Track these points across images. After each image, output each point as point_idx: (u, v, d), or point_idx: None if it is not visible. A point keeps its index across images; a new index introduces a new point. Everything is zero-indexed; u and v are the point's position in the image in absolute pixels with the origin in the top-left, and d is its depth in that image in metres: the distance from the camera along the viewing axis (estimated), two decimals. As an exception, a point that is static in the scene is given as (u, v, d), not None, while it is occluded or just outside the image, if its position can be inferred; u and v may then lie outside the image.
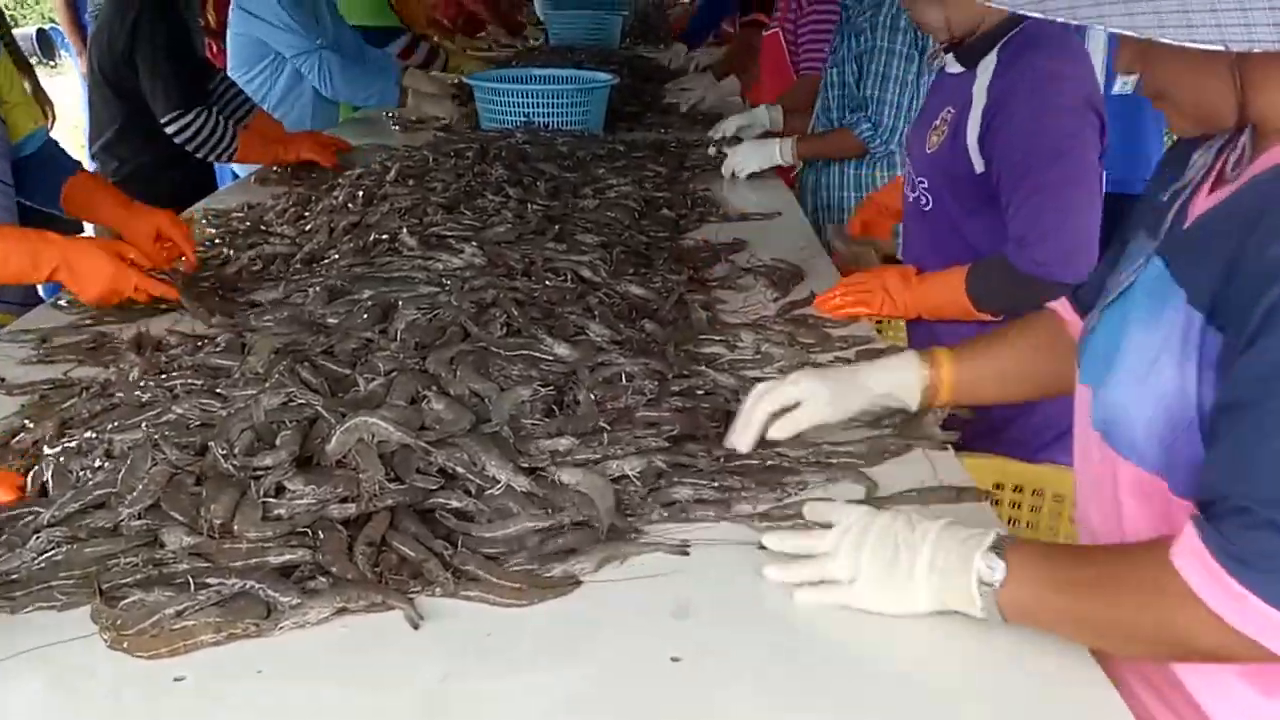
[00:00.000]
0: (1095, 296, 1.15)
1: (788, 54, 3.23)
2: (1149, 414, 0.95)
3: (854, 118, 2.62)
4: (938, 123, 1.82)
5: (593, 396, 1.33)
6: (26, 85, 2.00)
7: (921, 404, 1.33)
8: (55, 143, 2.10)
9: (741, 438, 1.28)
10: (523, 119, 3.12)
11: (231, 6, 3.36)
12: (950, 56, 1.81)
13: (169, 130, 2.61)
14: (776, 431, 1.28)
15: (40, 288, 2.09)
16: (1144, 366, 0.95)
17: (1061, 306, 1.30)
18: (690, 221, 2.38)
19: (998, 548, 0.96)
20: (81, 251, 1.65)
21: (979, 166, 1.73)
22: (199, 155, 2.65)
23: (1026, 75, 1.69)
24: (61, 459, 1.23)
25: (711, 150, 2.86)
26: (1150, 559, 0.89)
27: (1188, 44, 0.80)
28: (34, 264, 1.62)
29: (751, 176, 2.75)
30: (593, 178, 2.53)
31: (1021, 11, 0.88)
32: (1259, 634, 0.82)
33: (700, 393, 1.44)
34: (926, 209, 1.87)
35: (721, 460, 1.27)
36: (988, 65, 1.73)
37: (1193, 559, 0.85)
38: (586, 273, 1.87)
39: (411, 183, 2.38)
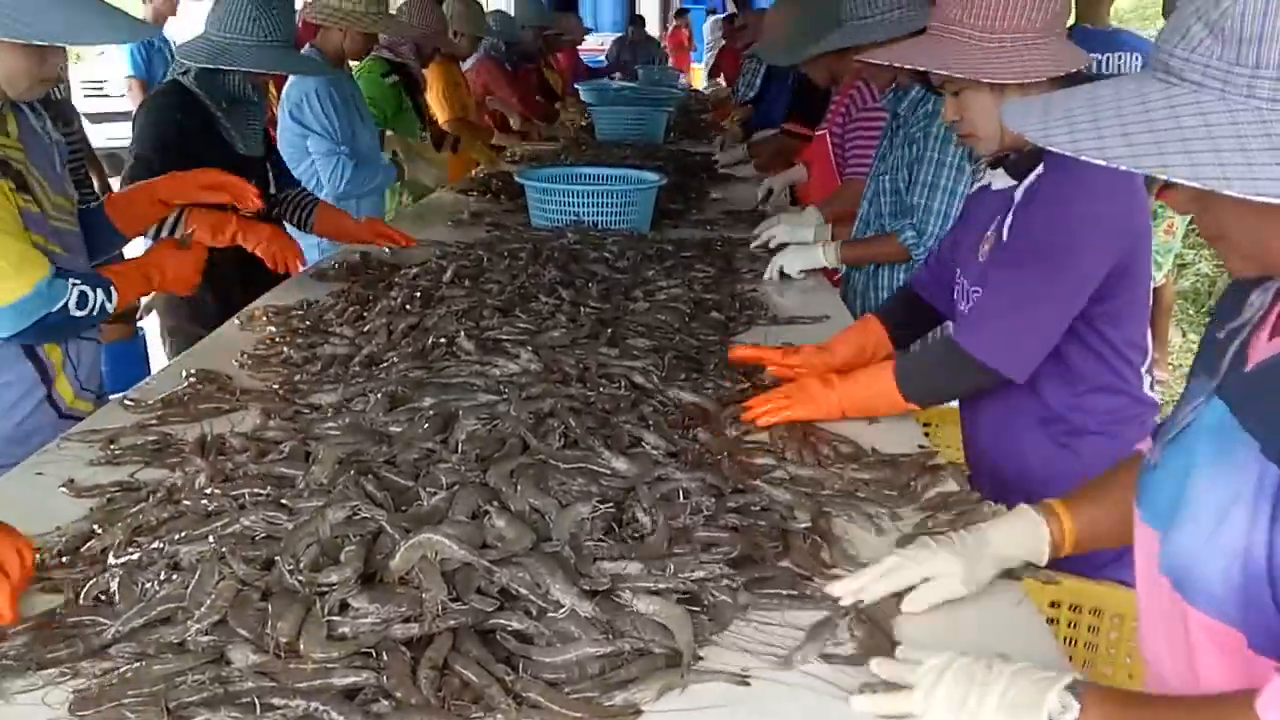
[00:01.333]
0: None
1: (834, 158, 3.28)
2: (1222, 566, 0.93)
3: (900, 224, 2.65)
4: (989, 233, 1.84)
5: (657, 519, 1.33)
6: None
7: (1050, 559, 1.32)
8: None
9: (847, 596, 1.25)
10: (572, 218, 3.19)
11: (280, 107, 3.49)
12: (999, 171, 1.84)
13: None
14: (909, 606, 1.25)
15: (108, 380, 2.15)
16: (1214, 518, 0.94)
17: None
18: (739, 324, 2.41)
19: (1073, 688, 0.95)
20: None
21: None
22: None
23: (1055, 179, 1.71)
24: (126, 570, 1.25)
25: (755, 246, 2.91)
26: (1234, 709, 0.88)
27: (1252, 196, 0.80)
28: None
29: (795, 276, 2.78)
30: (643, 279, 2.58)
31: (1087, 158, 0.88)
32: None
33: (756, 509, 1.45)
34: None
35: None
36: (1035, 176, 1.76)
37: (1275, 701, 0.84)
38: (639, 379, 1.89)
39: (468, 283, 2.43)
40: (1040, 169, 1.74)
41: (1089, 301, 1.72)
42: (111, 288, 1.92)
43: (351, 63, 3.85)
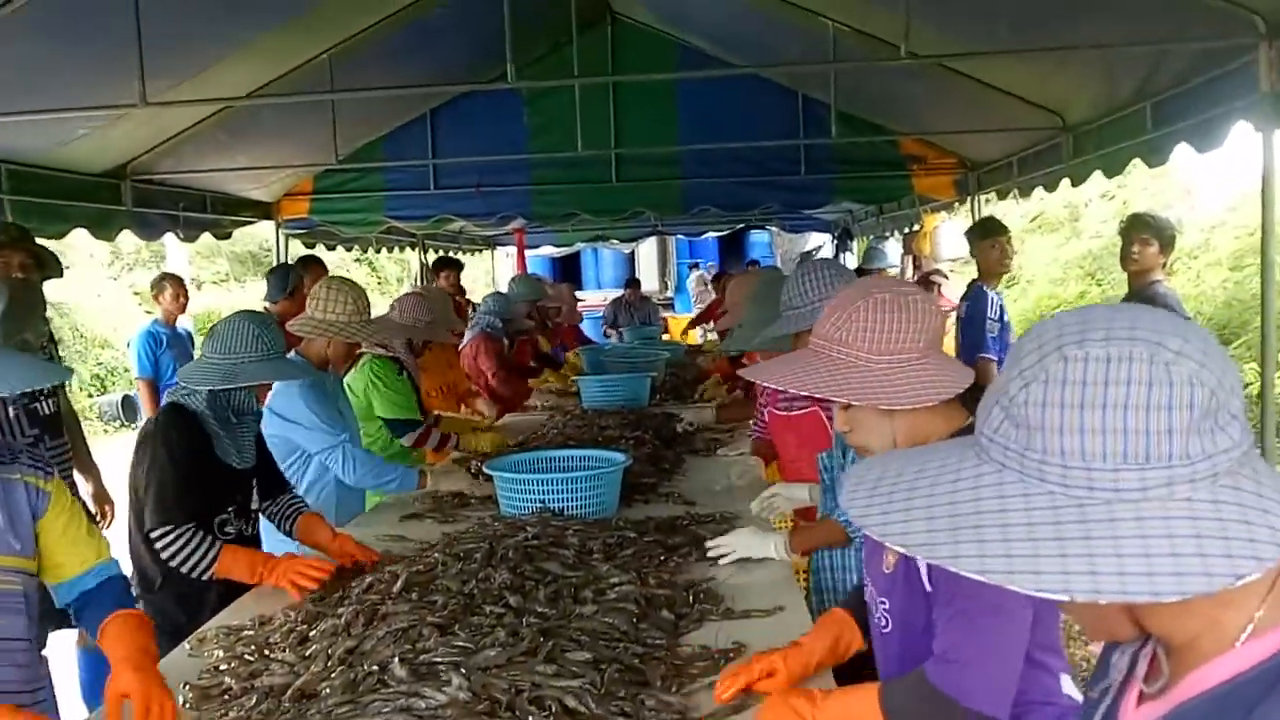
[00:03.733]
0: None
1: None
2: None
3: (833, 505, 2.65)
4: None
5: None
6: (81, 525, 2.12)
7: None
8: (120, 579, 2.17)
9: None
10: (539, 504, 3.22)
11: (265, 413, 3.63)
12: None
13: (155, 545, 2.70)
14: None
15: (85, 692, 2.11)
16: None
17: None
18: (690, 621, 2.38)
19: None
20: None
21: (928, 585, 1.71)
22: (182, 570, 2.70)
23: None
24: None
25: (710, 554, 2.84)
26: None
27: (1034, 593, 0.80)
28: None
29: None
30: (595, 576, 2.57)
31: (892, 544, 0.90)
32: None
33: None
34: (886, 631, 1.82)
35: None
36: None
37: None
38: (572, 702, 1.85)
39: (415, 595, 2.43)
40: None
41: None
42: None
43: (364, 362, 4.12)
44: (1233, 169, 12.38)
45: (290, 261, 6.93)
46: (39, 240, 4.33)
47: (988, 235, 5.65)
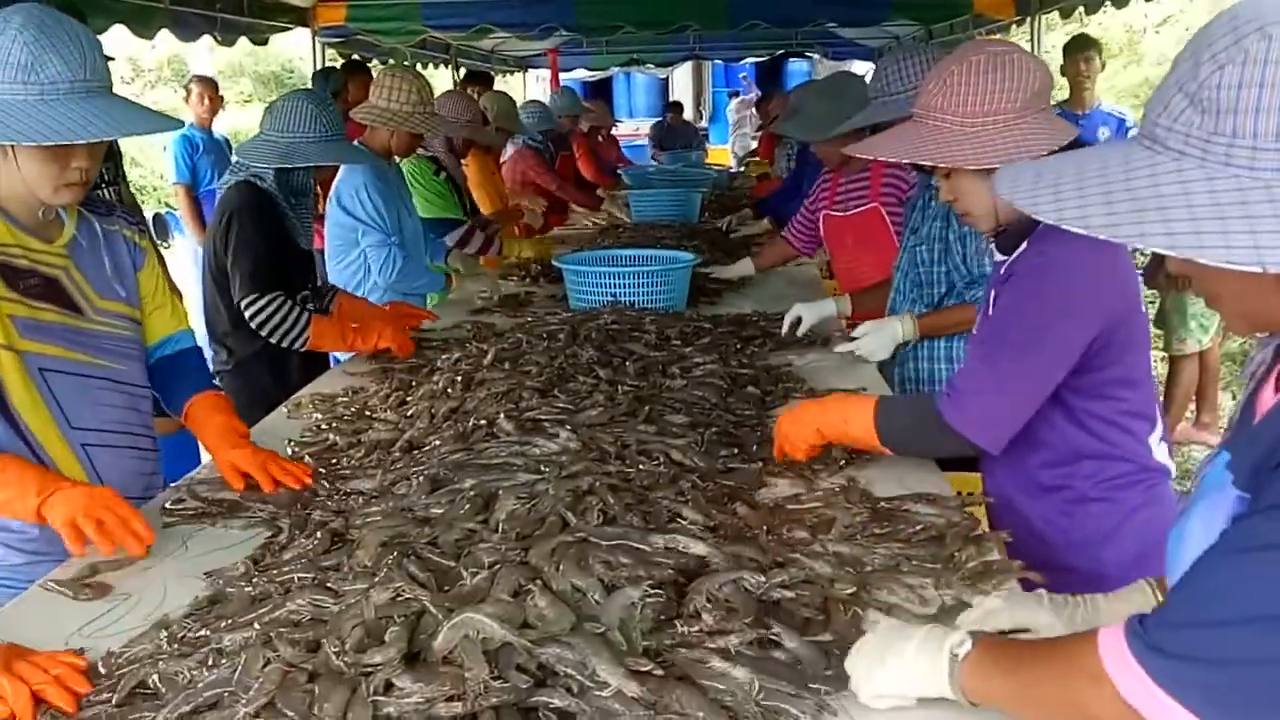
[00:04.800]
0: None
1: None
2: None
3: (972, 292, 2.60)
4: (983, 307, 1.87)
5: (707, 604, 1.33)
6: (167, 290, 2.12)
7: None
8: (196, 352, 2.14)
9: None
10: (610, 298, 3.24)
11: (329, 200, 3.61)
12: (994, 245, 1.86)
13: (246, 314, 2.75)
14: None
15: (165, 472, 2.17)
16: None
17: None
18: (776, 397, 2.42)
19: (970, 635, 1.14)
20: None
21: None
22: (274, 340, 2.76)
23: (1033, 257, 1.73)
24: (169, 659, 1.27)
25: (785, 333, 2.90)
26: (1079, 643, 1.00)
27: (1225, 264, 0.82)
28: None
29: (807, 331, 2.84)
30: (679, 355, 2.60)
31: (1069, 226, 0.90)
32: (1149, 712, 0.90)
33: (798, 581, 1.44)
34: None
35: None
36: (1019, 251, 1.78)
37: (1111, 640, 0.95)
38: (678, 455, 1.90)
39: (507, 366, 2.47)
40: (1024, 245, 1.76)
41: (1072, 374, 1.74)
42: None
43: (400, 160, 4.01)
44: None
45: (336, 65, 6.77)
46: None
47: (1082, 49, 5.30)
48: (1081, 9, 6.31)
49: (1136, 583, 1.36)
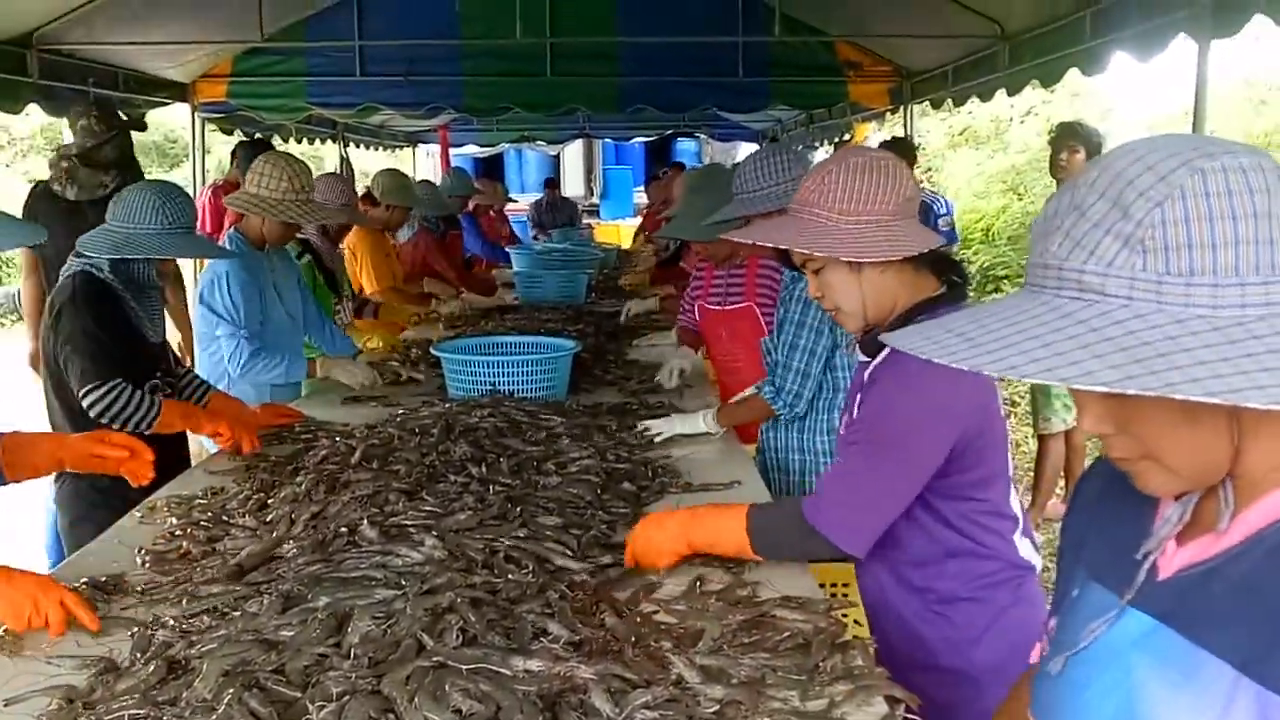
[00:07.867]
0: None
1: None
2: None
3: (763, 383, 2.76)
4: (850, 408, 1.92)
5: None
6: None
7: None
8: None
9: None
10: (489, 388, 3.19)
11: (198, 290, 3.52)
12: (858, 347, 1.91)
13: (86, 404, 2.61)
14: None
15: None
16: None
17: None
18: (651, 493, 2.41)
19: None
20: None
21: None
22: (116, 428, 2.59)
23: (896, 362, 1.77)
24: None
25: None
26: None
27: (1272, 405, 0.73)
28: None
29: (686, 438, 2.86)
30: (556, 450, 2.57)
31: (1080, 386, 0.78)
32: None
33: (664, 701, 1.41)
34: None
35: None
36: (884, 355, 1.82)
37: None
38: (560, 561, 1.86)
39: (375, 464, 2.40)
40: (888, 350, 1.78)
41: (936, 478, 1.78)
42: None
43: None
44: (1153, 93, 12.68)
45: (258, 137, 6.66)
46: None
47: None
48: (950, 100, 6.66)
49: None
